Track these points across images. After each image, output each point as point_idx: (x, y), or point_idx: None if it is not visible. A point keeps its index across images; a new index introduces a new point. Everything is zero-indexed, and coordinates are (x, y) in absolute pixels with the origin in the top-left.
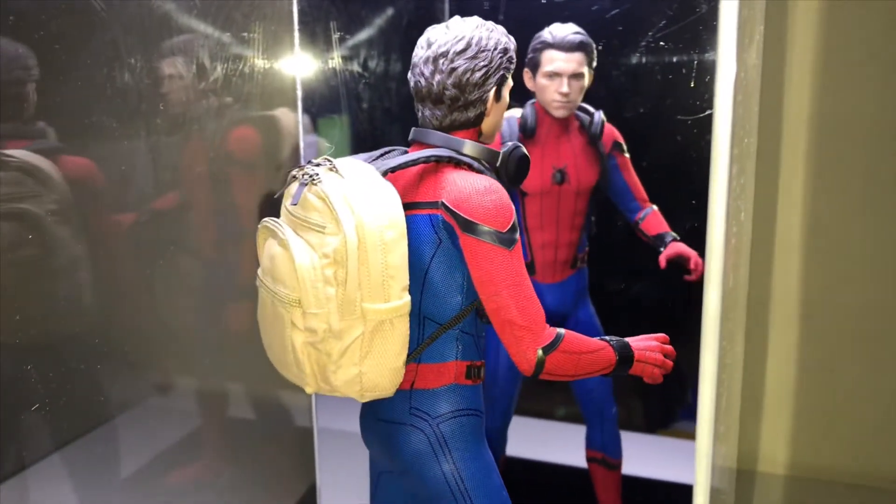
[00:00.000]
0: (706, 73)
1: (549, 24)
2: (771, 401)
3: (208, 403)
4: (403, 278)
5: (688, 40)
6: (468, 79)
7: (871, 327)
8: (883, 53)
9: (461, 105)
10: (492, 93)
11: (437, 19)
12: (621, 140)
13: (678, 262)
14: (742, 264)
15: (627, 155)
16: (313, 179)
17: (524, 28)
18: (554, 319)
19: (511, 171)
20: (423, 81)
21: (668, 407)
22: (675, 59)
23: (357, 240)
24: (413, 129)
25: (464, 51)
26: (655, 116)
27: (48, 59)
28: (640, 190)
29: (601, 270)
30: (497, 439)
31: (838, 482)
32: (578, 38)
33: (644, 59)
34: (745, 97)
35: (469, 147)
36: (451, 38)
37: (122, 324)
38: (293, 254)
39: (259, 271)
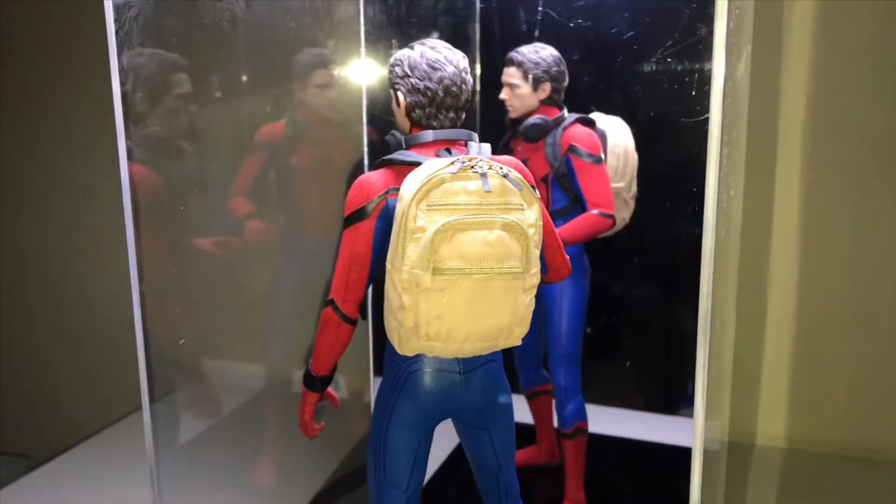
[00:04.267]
0: (704, 83)
1: (577, 43)
2: (764, 378)
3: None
4: None
5: (690, 57)
6: (472, 89)
7: (858, 310)
8: (867, 59)
9: (467, 108)
10: None
11: (470, 42)
12: (579, 145)
13: None
14: (733, 247)
15: (587, 160)
16: (504, 171)
17: (559, 48)
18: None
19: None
20: (455, 91)
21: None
22: (679, 71)
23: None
24: (447, 130)
25: (467, 67)
26: (664, 119)
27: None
28: (592, 193)
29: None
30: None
31: (830, 454)
32: (515, 56)
33: (654, 72)
34: (735, 101)
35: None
36: (459, 56)
37: None
38: (526, 231)
39: (460, 263)
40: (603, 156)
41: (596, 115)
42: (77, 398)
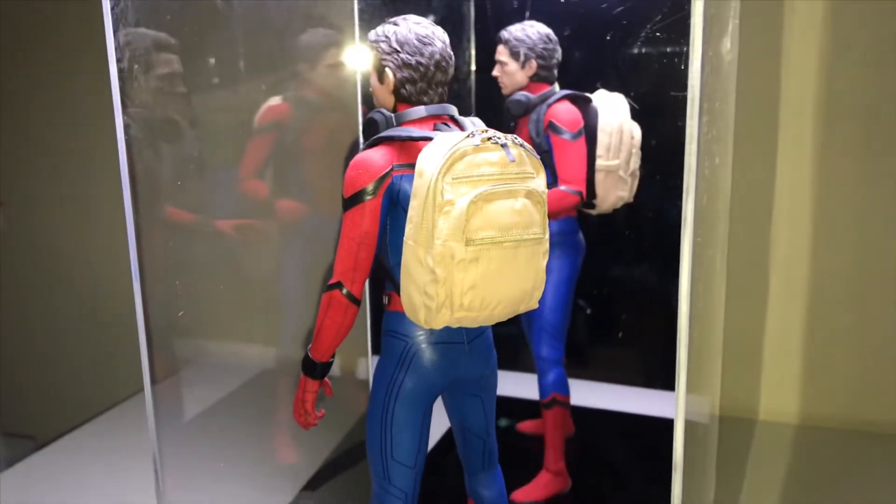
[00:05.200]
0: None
1: (569, 20)
2: (765, 353)
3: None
4: None
5: (678, 32)
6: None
7: (859, 284)
8: (855, 42)
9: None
10: None
11: (465, 20)
12: (558, 122)
13: None
14: (722, 215)
15: (565, 136)
16: (519, 142)
17: (553, 25)
18: None
19: None
20: (444, 66)
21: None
22: (667, 48)
23: None
24: (437, 105)
25: (448, 41)
26: (654, 93)
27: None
28: (562, 169)
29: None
30: None
31: (823, 427)
32: (503, 35)
33: (644, 48)
34: (716, 71)
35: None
36: (441, 31)
37: None
38: (543, 198)
39: (492, 233)
40: (581, 132)
41: (599, 93)
42: (81, 380)
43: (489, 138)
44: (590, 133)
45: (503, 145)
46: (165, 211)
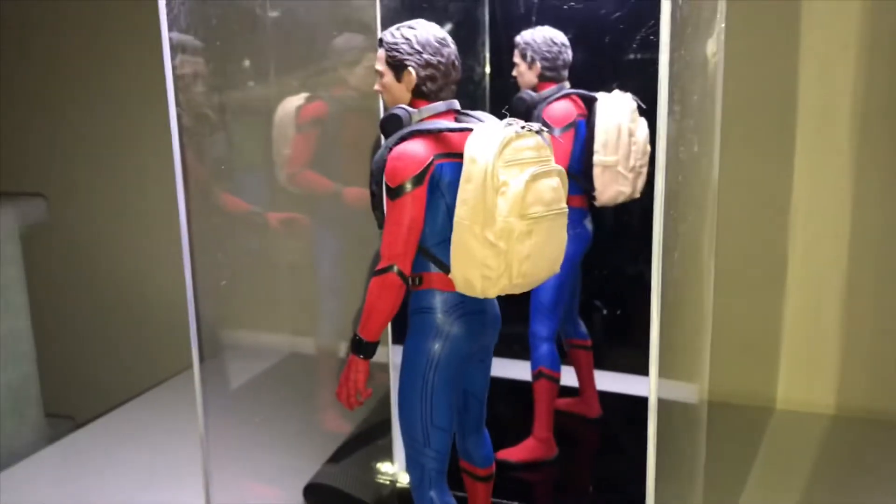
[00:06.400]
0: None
1: (573, 23)
2: (766, 341)
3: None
4: None
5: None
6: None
7: (845, 277)
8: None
9: None
10: None
11: (479, 25)
12: (547, 119)
13: None
14: (710, 198)
15: (553, 132)
16: (544, 130)
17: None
18: None
19: None
20: (458, 65)
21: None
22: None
23: None
24: (450, 101)
25: None
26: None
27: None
28: None
29: None
30: None
31: (820, 414)
32: (516, 38)
33: (639, 54)
34: (691, 69)
35: None
36: (446, 33)
37: None
38: (565, 176)
39: (540, 208)
40: (568, 127)
41: (611, 94)
42: (119, 366)
43: (522, 126)
44: (592, 129)
45: (537, 132)
46: (219, 196)
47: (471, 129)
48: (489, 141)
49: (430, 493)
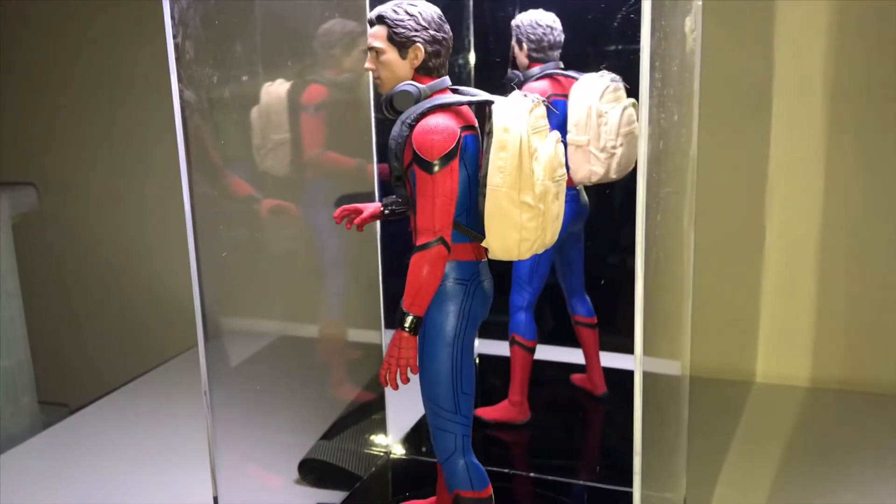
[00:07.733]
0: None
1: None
2: (747, 316)
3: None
4: None
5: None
6: None
7: (819, 252)
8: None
9: None
10: None
11: (464, 8)
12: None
13: None
14: (690, 169)
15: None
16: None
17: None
18: None
19: None
20: (452, 41)
21: None
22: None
23: None
24: (445, 78)
25: None
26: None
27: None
28: None
29: None
30: None
31: (797, 387)
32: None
33: (621, 28)
34: (668, 39)
35: None
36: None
37: None
38: (561, 146)
39: (561, 171)
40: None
41: (591, 75)
42: (112, 352)
43: (532, 99)
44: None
45: (543, 103)
46: (230, 180)
47: (492, 102)
48: (518, 110)
49: (463, 460)
